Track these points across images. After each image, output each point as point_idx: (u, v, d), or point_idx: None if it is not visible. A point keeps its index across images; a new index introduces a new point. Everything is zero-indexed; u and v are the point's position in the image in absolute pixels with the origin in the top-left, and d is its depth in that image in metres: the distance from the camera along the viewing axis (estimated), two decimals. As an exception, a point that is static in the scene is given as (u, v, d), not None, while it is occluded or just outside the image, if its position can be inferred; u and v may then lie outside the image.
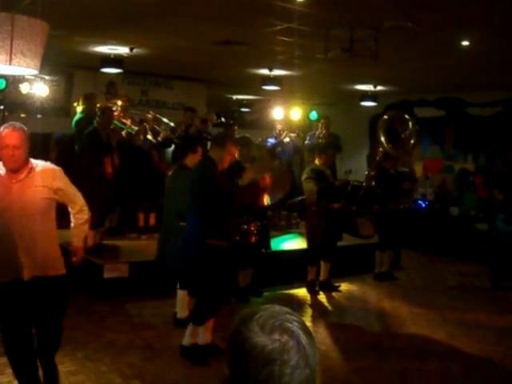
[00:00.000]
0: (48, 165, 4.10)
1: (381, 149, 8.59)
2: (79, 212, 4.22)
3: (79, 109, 8.73)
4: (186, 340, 5.45)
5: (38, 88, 10.33)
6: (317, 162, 8.12)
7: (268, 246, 7.69)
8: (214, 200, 5.16)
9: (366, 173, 8.49)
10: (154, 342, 5.90)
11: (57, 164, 4.19)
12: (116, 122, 8.68)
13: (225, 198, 5.20)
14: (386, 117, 8.66)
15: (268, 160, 7.64)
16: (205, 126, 10.11)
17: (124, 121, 8.98)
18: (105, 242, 8.22)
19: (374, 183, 8.32)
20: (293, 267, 8.23)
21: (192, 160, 6.21)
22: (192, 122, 9.88)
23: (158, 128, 9.49)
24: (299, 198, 10.37)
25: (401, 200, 8.92)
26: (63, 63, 10.49)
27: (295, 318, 1.29)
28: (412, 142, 8.43)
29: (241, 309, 5.59)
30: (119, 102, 9.09)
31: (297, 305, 7.53)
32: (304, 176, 8.04)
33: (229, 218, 5.32)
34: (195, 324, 5.41)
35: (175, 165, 6.68)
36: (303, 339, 1.25)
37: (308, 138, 11.53)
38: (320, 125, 11.26)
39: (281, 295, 7.98)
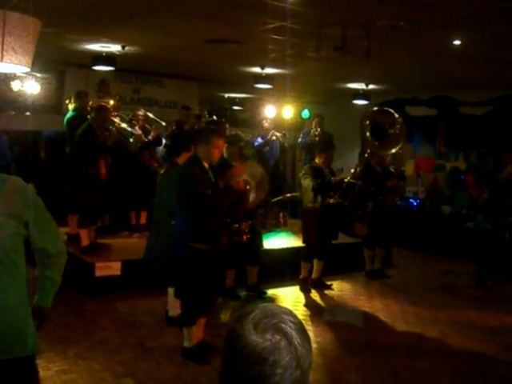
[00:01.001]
0: (17, 181, 2.69)
1: (368, 150, 8.58)
2: (55, 256, 2.86)
3: (71, 106, 8.68)
4: (186, 342, 5.43)
5: (30, 85, 10.28)
6: (317, 160, 8.14)
7: (261, 244, 7.73)
8: (194, 203, 5.15)
9: (352, 170, 8.49)
10: (146, 340, 5.89)
11: (47, 163, 3.77)
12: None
13: (203, 201, 5.14)
14: (369, 114, 8.66)
15: (252, 164, 7.56)
16: (198, 122, 10.08)
17: (114, 120, 8.88)
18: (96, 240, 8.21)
19: (360, 181, 8.30)
20: (284, 265, 8.23)
21: (185, 158, 6.19)
22: (186, 119, 9.86)
23: (148, 127, 9.43)
24: (288, 195, 10.39)
25: (385, 198, 8.75)
26: (55, 61, 10.45)
27: (291, 319, 1.29)
28: (400, 137, 8.39)
29: (230, 306, 5.58)
30: (111, 102, 9.03)
31: (289, 303, 7.55)
32: (302, 172, 8.11)
33: (212, 220, 5.25)
34: (186, 325, 5.41)
35: (167, 163, 6.66)
36: (296, 340, 1.25)
37: (301, 136, 11.52)
38: (314, 123, 11.24)
39: (273, 293, 7.99)
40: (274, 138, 11.08)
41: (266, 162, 10.37)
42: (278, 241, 9.43)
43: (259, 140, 11.05)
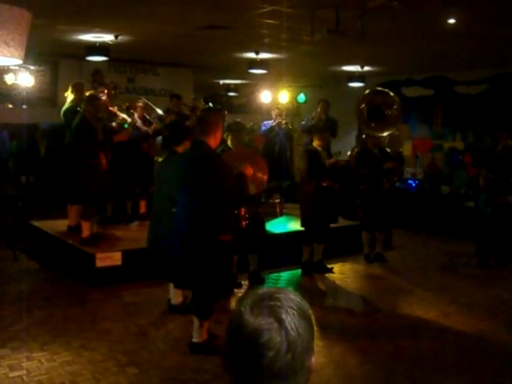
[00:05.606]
0: None
1: (365, 133, 8.57)
2: None
3: (70, 98, 8.58)
4: (196, 337, 5.27)
5: (23, 78, 10.24)
6: (314, 143, 8.12)
7: (263, 231, 7.69)
8: (225, 193, 4.94)
9: (349, 153, 8.47)
10: (149, 329, 5.91)
11: (45, 156, 3.82)
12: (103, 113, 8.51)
13: (231, 190, 5.00)
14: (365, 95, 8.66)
15: (242, 149, 7.46)
16: (194, 114, 10.03)
17: (112, 109, 8.82)
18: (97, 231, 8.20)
19: (353, 163, 8.30)
20: (285, 249, 8.21)
21: (184, 148, 6.16)
22: (179, 109, 9.81)
23: (148, 117, 9.38)
24: (286, 184, 10.33)
25: (381, 180, 8.65)
26: (48, 53, 10.42)
27: (291, 303, 1.29)
28: (397, 118, 8.36)
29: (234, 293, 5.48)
30: (106, 91, 8.96)
31: (290, 286, 7.56)
32: (299, 155, 8.10)
33: (231, 209, 5.26)
34: (202, 319, 5.23)
35: (165, 151, 6.62)
36: (289, 324, 1.26)
37: (305, 120, 11.39)
38: (319, 108, 11.07)
39: (275, 277, 8.01)
40: (282, 124, 10.90)
41: (271, 147, 10.39)
42: (278, 225, 9.43)
43: (267, 124, 10.91)
